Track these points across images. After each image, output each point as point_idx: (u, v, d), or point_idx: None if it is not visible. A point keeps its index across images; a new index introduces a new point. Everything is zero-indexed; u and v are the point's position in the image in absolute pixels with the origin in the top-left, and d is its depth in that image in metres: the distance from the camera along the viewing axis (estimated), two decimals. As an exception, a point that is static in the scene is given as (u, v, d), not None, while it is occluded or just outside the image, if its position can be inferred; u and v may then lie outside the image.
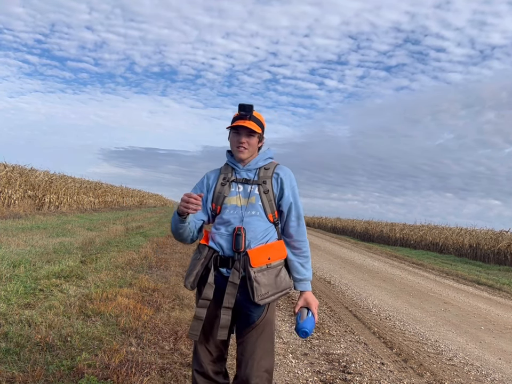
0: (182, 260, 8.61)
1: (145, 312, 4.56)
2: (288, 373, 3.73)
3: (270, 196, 2.23)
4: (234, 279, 2.13)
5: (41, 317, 4.04)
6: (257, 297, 2.10)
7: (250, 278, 2.11)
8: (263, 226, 2.20)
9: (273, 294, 2.16)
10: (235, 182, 2.26)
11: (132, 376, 3.04)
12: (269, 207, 2.22)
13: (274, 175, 2.27)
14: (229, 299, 2.13)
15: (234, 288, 2.13)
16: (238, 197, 2.23)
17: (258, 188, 2.23)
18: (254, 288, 2.10)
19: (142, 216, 24.44)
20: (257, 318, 2.16)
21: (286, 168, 2.33)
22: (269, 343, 2.18)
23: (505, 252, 18.80)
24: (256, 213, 2.20)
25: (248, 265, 2.12)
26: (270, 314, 2.20)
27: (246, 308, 2.16)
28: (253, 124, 2.22)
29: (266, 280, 2.14)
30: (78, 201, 25.03)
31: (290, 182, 2.27)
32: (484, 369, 4.35)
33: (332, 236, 32.36)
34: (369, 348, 4.65)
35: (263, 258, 2.15)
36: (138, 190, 49.42)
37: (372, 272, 11.34)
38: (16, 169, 19.08)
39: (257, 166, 2.28)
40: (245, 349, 2.15)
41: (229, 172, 2.31)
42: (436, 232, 25.40)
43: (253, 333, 2.15)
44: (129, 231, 13.65)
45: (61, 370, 3.03)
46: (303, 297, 2.27)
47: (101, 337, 3.71)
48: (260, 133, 2.27)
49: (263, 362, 2.13)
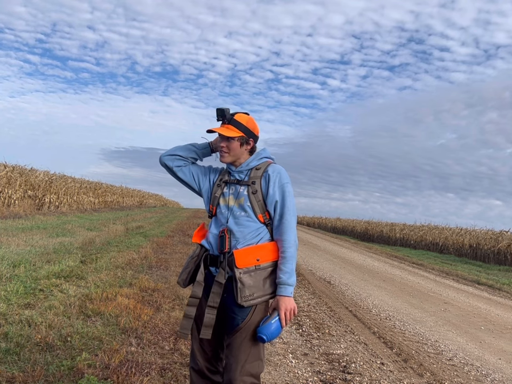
0: (182, 260, 8.60)
1: (145, 312, 4.56)
2: (288, 373, 3.73)
3: (258, 196, 2.22)
4: (220, 278, 2.13)
5: (41, 317, 4.04)
6: (241, 298, 2.09)
7: (235, 279, 2.10)
8: (252, 227, 2.19)
9: (259, 296, 2.13)
10: (228, 183, 2.29)
11: (132, 376, 3.05)
12: (258, 207, 2.21)
13: (264, 174, 2.25)
14: (214, 298, 2.13)
15: (220, 288, 2.13)
16: (229, 198, 2.25)
17: (247, 188, 2.24)
18: (238, 289, 2.09)
19: (142, 216, 24.44)
20: (241, 321, 2.12)
21: (278, 166, 2.30)
22: (254, 347, 2.13)
23: (505, 252, 18.80)
24: (245, 214, 2.20)
25: (233, 265, 2.11)
26: (256, 318, 2.14)
27: (230, 310, 2.15)
28: (227, 129, 2.21)
29: (252, 281, 2.11)
30: (78, 201, 25.04)
31: (279, 180, 2.23)
32: (484, 369, 4.35)
33: (332, 236, 32.35)
34: (369, 348, 4.65)
35: (251, 259, 2.13)
36: (138, 190, 49.46)
37: (372, 272, 11.33)
38: (16, 169, 19.09)
39: (249, 167, 2.28)
40: (230, 352, 2.13)
41: (225, 173, 2.34)
42: (436, 232, 25.40)
43: (237, 336, 2.12)
44: (129, 231, 13.65)
45: (61, 370, 3.03)
46: (276, 299, 2.15)
47: (101, 337, 3.71)
48: (239, 137, 2.23)
49: (247, 366, 2.09)
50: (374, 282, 9.52)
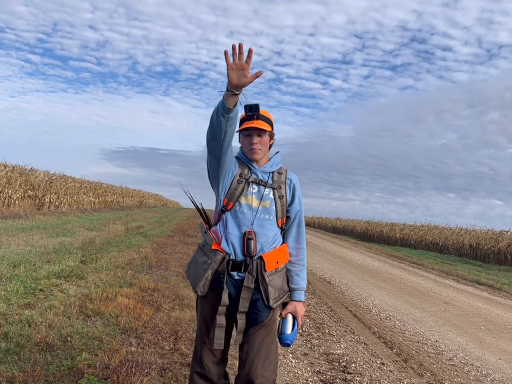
0: (182, 260, 8.60)
1: (145, 312, 4.56)
2: (288, 373, 3.73)
3: (283, 201, 2.23)
4: (249, 283, 2.12)
5: (41, 317, 4.04)
6: (272, 300, 2.13)
7: (264, 282, 2.13)
8: (274, 231, 2.21)
9: (282, 296, 2.21)
10: (252, 182, 2.21)
11: (132, 376, 3.04)
12: (281, 212, 2.23)
13: (287, 181, 2.27)
14: (243, 304, 2.12)
15: (249, 292, 2.12)
16: (252, 197, 2.19)
17: (273, 192, 2.22)
18: (268, 292, 2.13)
19: (142, 216, 24.43)
20: (265, 318, 2.16)
21: (295, 175, 2.34)
22: (273, 344, 2.19)
23: (505, 252, 18.80)
24: (269, 217, 2.19)
25: (263, 269, 2.13)
26: (275, 315, 2.23)
27: (255, 309, 2.16)
28: (261, 123, 2.18)
29: (276, 283, 2.18)
30: (78, 201, 25.03)
31: (299, 190, 2.31)
32: (484, 369, 4.35)
33: (332, 235, 32.34)
34: (369, 348, 4.65)
35: (274, 263, 2.18)
36: (138, 190, 49.48)
37: (372, 272, 11.33)
38: (16, 169, 19.09)
39: (272, 169, 2.27)
40: (250, 348, 2.14)
41: (245, 168, 2.23)
42: (436, 232, 25.39)
43: (260, 332, 2.15)
44: (129, 231, 13.65)
45: (61, 370, 3.03)
46: (294, 304, 2.28)
47: (101, 337, 3.71)
48: (270, 131, 2.22)
49: (267, 362, 2.13)
50: (374, 282, 9.52)
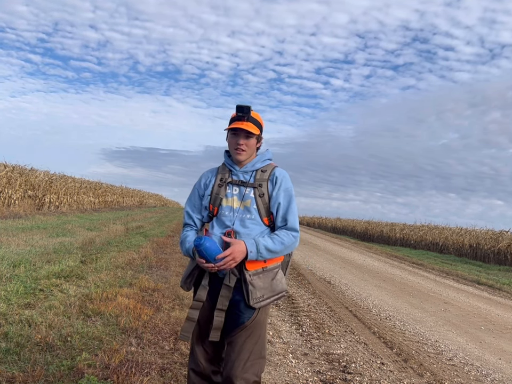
0: (182, 260, 8.60)
1: (145, 312, 4.56)
2: (288, 373, 3.73)
3: (265, 199, 2.21)
4: (229, 282, 2.13)
5: (41, 317, 4.04)
6: (252, 300, 2.10)
7: (245, 282, 2.11)
8: (257, 230, 2.19)
9: (268, 297, 2.16)
10: (231, 184, 2.25)
11: (132, 376, 3.04)
12: (264, 210, 2.21)
13: (271, 177, 2.25)
14: (223, 301, 2.13)
15: (229, 291, 2.13)
16: (233, 198, 2.22)
17: (254, 190, 2.22)
18: (249, 291, 2.10)
19: (142, 216, 24.44)
20: (247, 319, 2.13)
21: (283, 170, 2.31)
22: (257, 345, 2.15)
23: (505, 252, 18.80)
24: (251, 216, 2.18)
25: (243, 268, 2.11)
26: (261, 317, 2.18)
27: (237, 309, 2.15)
28: (250, 125, 2.20)
29: (262, 283, 2.13)
30: (78, 201, 25.04)
31: (284, 183, 2.24)
32: (484, 369, 4.35)
33: (332, 235, 32.35)
34: (369, 348, 4.65)
35: (259, 262, 2.14)
36: (138, 190, 49.51)
37: (372, 272, 11.33)
38: (16, 169, 19.09)
39: (254, 168, 2.27)
40: (232, 349, 2.13)
41: (226, 172, 2.29)
42: (436, 232, 25.40)
43: (241, 334, 2.13)
44: (129, 231, 13.65)
45: (61, 370, 3.03)
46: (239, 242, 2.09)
47: (101, 337, 3.71)
48: (257, 134, 2.25)
49: (249, 364, 2.10)
50: (374, 282, 9.52)
